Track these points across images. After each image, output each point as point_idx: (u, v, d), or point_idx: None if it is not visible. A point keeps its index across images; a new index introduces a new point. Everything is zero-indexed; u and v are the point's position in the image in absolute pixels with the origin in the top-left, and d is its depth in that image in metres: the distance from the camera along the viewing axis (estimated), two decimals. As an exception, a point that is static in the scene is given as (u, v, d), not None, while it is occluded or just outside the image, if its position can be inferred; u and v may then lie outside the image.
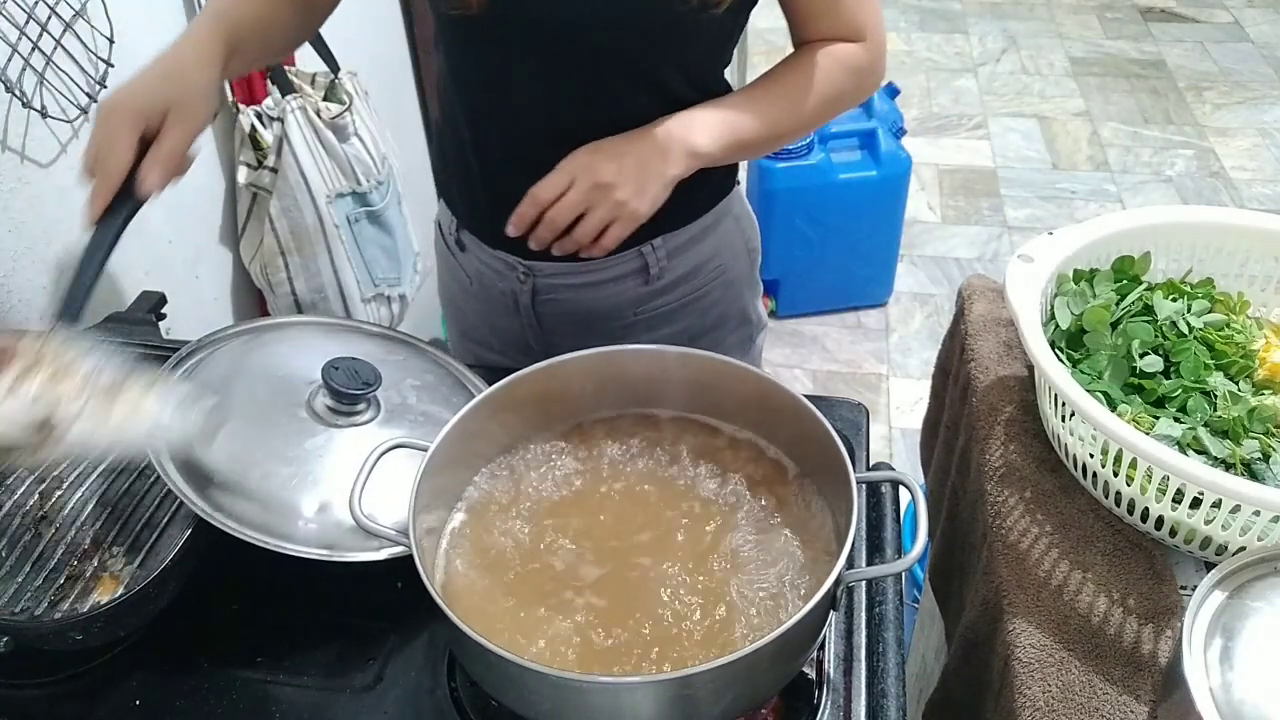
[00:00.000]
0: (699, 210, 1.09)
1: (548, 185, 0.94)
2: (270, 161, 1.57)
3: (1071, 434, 0.87)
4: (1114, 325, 0.91)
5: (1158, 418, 0.84)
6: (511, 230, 0.97)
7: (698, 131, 0.96)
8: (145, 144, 0.85)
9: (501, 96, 1.01)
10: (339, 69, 1.67)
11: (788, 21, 1.04)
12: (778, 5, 1.01)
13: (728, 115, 0.98)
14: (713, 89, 1.03)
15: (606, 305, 1.13)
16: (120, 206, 0.84)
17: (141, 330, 1.07)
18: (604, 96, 0.98)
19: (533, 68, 0.97)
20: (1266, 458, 0.81)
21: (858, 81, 1.03)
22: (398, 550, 0.79)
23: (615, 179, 0.93)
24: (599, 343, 0.88)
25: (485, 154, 1.06)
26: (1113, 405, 0.86)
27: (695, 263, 1.12)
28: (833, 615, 0.76)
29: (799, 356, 2.79)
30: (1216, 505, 0.77)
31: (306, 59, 1.68)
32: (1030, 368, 1.03)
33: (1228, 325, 0.91)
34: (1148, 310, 0.93)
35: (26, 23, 1.14)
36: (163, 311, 1.13)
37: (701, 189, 1.04)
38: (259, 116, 1.55)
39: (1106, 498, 0.88)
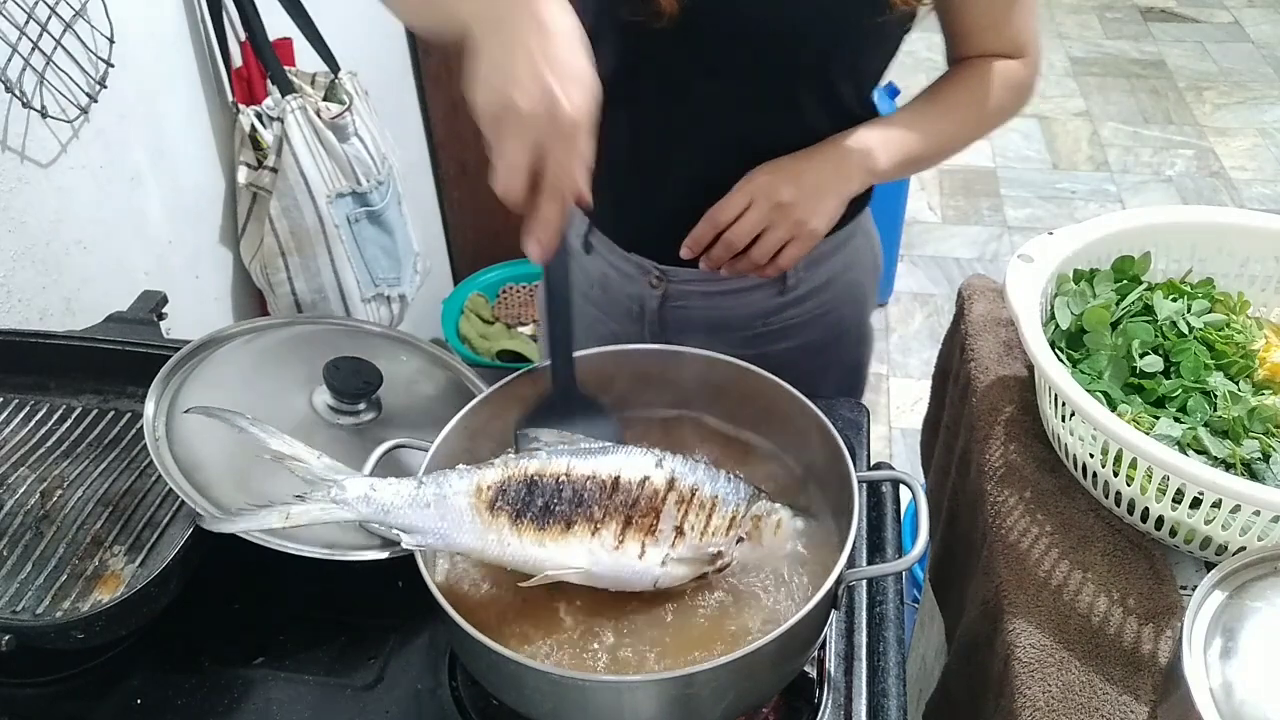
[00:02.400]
0: (840, 223, 1.06)
1: (727, 207, 0.93)
2: (270, 161, 1.57)
3: (1071, 434, 0.87)
4: (1114, 325, 0.91)
5: (1158, 418, 0.84)
6: (686, 252, 0.96)
7: (874, 149, 0.96)
8: None
9: (674, 103, 0.99)
10: (339, 69, 1.67)
11: (947, 37, 1.03)
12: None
13: (899, 132, 0.98)
14: (869, 105, 1.04)
15: (737, 315, 1.12)
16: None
17: (142, 330, 1.07)
18: (779, 106, 0.97)
19: (712, 74, 0.95)
20: (1266, 458, 0.81)
21: (1016, 98, 1.03)
22: (399, 549, 0.79)
23: (794, 198, 0.92)
24: (721, 352, 0.87)
25: (640, 157, 1.03)
26: (1113, 405, 0.86)
27: (829, 275, 1.12)
28: (834, 614, 0.76)
29: (799, 356, 2.79)
30: (1216, 505, 0.77)
31: (306, 59, 1.68)
32: (1030, 368, 1.03)
33: (1228, 325, 0.91)
34: (1148, 310, 0.93)
35: (26, 23, 1.14)
36: (163, 311, 1.13)
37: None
38: (259, 116, 1.56)
39: (1106, 498, 0.88)
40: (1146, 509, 0.83)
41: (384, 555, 0.81)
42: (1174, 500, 0.80)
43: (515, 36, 0.69)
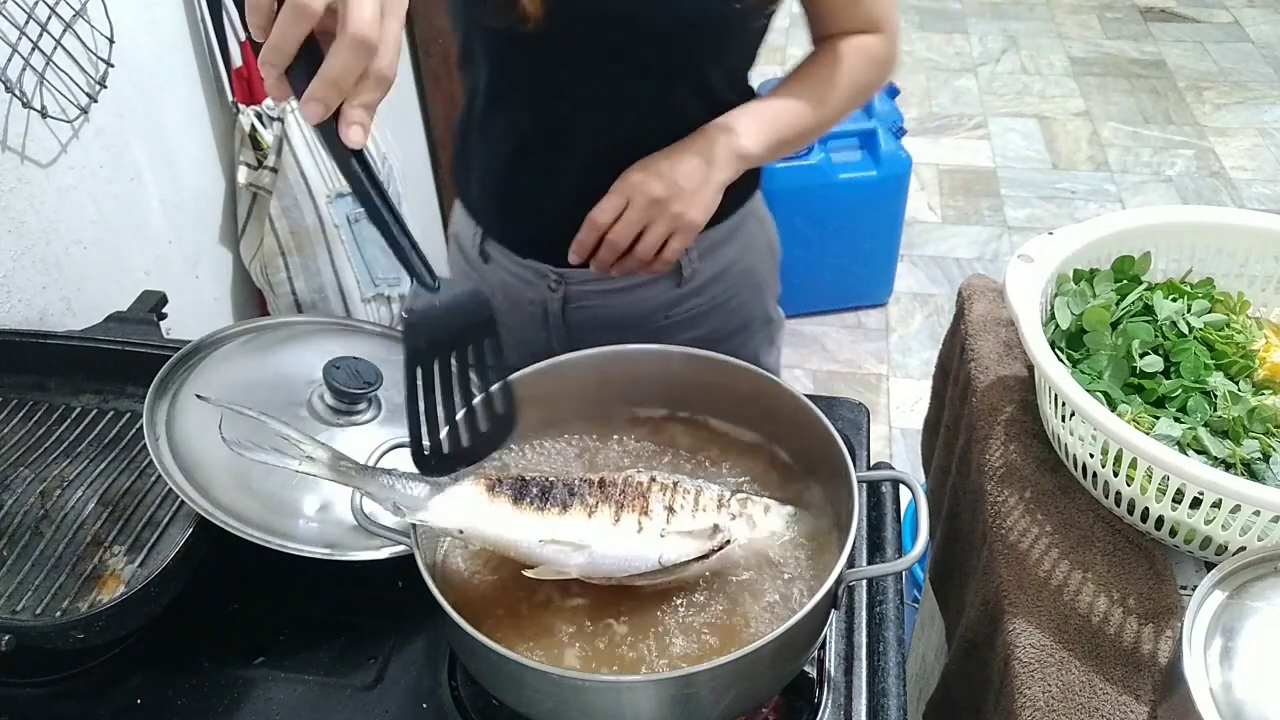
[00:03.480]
0: (728, 210, 1.09)
1: (604, 209, 0.95)
2: (270, 161, 1.57)
3: (1071, 434, 0.87)
4: (1114, 325, 0.91)
5: (1158, 418, 0.84)
6: (574, 257, 0.97)
7: (742, 134, 0.97)
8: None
9: (547, 105, 1.01)
10: (339, 69, 1.67)
11: (808, 17, 1.06)
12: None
13: (767, 115, 1.00)
14: (744, 90, 1.05)
15: (638, 310, 1.13)
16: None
17: (142, 330, 1.07)
18: (652, 100, 0.99)
19: (584, 74, 0.97)
20: (1266, 458, 0.81)
21: (879, 72, 1.06)
22: (399, 549, 0.79)
23: (669, 192, 0.94)
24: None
25: (524, 162, 1.06)
26: (1113, 405, 0.86)
27: (724, 264, 1.13)
28: (834, 614, 0.76)
29: (799, 356, 2.79)
30: (1216, 505, 0.77)
31: (307, 59, 1.68)
32: (1030, 368, 1.03)
33: (1228, 325, 0.91)
34: (1148, 310, 0.93)
35: (26, 23, 1.14)
36: (164, 311, 1.13)
37: (731, 189, 1.04)
38: (259, 116, 1.56)
39: (1106, 498, 0.88)
40: (1146, 509, 0.83)
41: (383, 555, 0.81)
42: (1174, 500, 0.80)
43: None
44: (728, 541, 0.75)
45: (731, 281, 1.15)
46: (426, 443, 0.71)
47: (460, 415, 0.72)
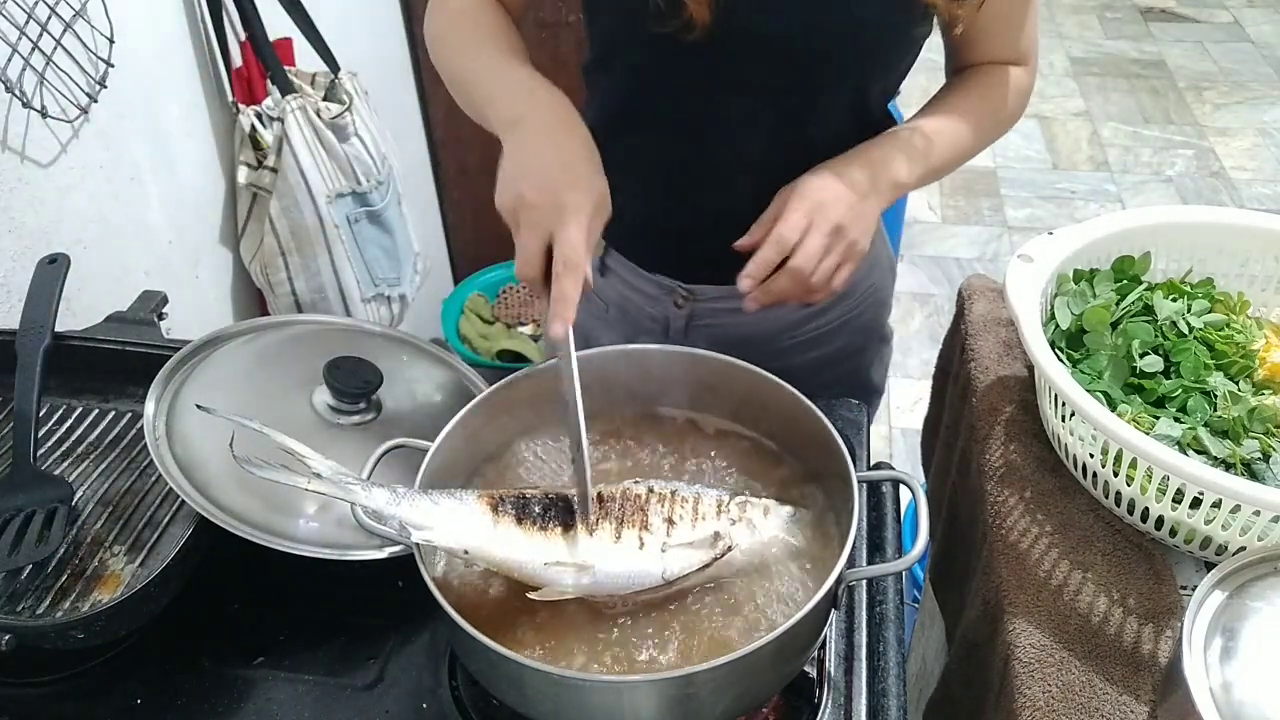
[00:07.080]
0: None
1: (791, 227, 0.85)
2: (270, 161, 1.57)
3: (1071, 434, 0.87)
4: (1114, 325, 0.91)
5: (1158, 418, 0.84)
6: (747, 284, 0.87)
7: (897, 163, 0.92)
8: None
9: (705, 122, 0.96)
10: (339, 69, 1.67)
11: (952, 45, 1.02)
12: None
13: (920, 143, 0.95)
14: (888, 110, 1.03)
15: (763, 329, 1.08)
16: None
17: (143, 330, 1.07)
18: (811, 117, 0.94)
19: (747, 92, 0.93)
20: (1266, 458, 0.81)
21: (1020, 104, 1.03)
22: (398, 549, 0.79)
23: (848, 220, 0.87)
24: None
25: (669, 178, 1.00)
26: (1113, 405, 0.86)
27: (854, 281, 1.05)
28: (834, 614, 0.76)
29: (799, 356, 2.79)
30: (1216, 505, 0.77)
31: (306, 59, 1.68)
32: (1030, 368, 1.03)
33: (1228, 325, 0.91)
34: (1148, 310, 0.93)
35: (26, 23, 1.14)
36: (164, 311, 1.13)
37: None
38: (259, 116, 1.56)
39: (1106, 498, 0.88)
40: (1146, 509, 0.83)
41: (384, 555, 0.81)
42: (1174, 500, 0.80)
43: (529, 135, 0.79)
44: (729, 548, 0.75)
45: (858, 299, 1.12)
46: None
47: None
